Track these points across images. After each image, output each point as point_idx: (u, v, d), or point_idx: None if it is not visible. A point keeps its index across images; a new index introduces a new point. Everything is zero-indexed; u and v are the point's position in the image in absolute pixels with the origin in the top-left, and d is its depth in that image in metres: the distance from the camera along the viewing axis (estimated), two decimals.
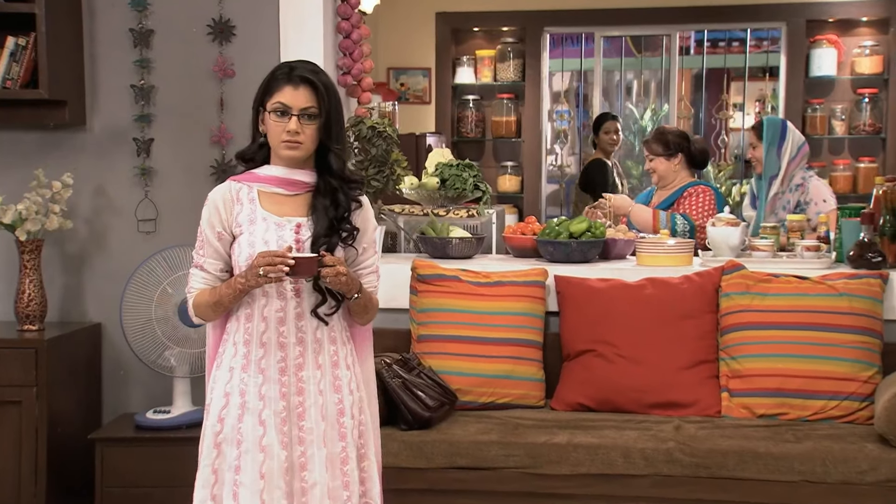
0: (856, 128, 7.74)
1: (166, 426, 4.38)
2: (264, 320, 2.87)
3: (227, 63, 4.58)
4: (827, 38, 7.73)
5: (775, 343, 4.04)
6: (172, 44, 4.62)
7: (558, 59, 8.59)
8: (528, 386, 4.20)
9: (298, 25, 4.52)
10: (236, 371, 2.88)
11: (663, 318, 4.16)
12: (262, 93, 2.89)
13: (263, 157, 2.94)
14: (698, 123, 8.65)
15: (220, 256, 2.92)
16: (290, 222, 2.87)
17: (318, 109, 2.83)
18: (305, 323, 2.88)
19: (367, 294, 2.96)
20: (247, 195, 2.91)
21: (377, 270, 3.04)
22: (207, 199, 2.95)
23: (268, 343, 2.87)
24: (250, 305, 2.88)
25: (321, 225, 2.86)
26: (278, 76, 2.87)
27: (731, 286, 4.17)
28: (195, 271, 2.95)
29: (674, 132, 5.38)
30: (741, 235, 4.46)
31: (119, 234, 4.69)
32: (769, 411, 4.00)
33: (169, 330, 4.36)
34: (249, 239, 2.86)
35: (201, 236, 2.94)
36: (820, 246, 4.39)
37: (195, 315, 2.97)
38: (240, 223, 2.89)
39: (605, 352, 4.17)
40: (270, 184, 2.90)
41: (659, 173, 5.26)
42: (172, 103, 4.64)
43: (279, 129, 2.83)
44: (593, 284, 4.31)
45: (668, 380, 4.09)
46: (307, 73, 2.84)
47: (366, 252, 2.99)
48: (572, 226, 4.54)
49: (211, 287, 2.91)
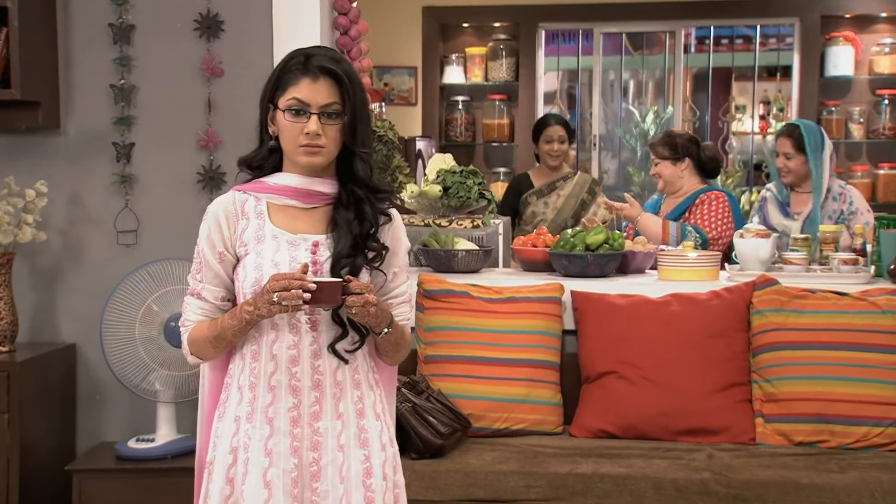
0: (874, 131, 7.78)
1: (151, 456, 4.33)
2: (273, 359, 2.55)
3: (216, 61, 4.53)
4: (843, 36, 7.76)
5: (813, 364, 4.04)
6: (155, 40, 4.58)
7: (553, 58, 8.57)
8: (544, 411, 4.18)
9: (293, 20, 4.48)
10: (242, 421, 2.59)
11: (690, 338, 4.16)
12: (272, 87, 2.58)
13: (274, 164, 2.64)
14: (704, 127, 8.66)
15: (221, 282, 2.62)
16: (305, 240, 2.58)
17: (342, 106, 2.52)
18: (323, 362, 2.57)
19: (399, 328, 2.64)
20: (254, 208, 2.61)
21: (410, 300, 2.74)
22: (206, 213, 2.64)
23: (277, 387, 2.56)
24: (256, 341, 2.57)
25: (344, 243, 2.55)
26: (293, 67, 2.54)
27: (764, 302, 4.17)
28: (191, 300, 2.64)
29: (683, 136, 5.40)
30: (772, 248, 4.46)
31: (96, 247, 4.63)
32: (808, 438, 4.00)
33: (154, 351, 4.31)
34: (256, 261, 2.56)
35: (199, 258, 2.63)
36: (857, 259, 4.39)
37: (190, 353, 2.66)
38: (245, 241, 2.59)
39: (629, 374, 4.16)
40: (283, 195, 2.60)
41: (664, 178, 5.28)
42: (155, 105, 4.59)
43: (295, 131, 2.52)
44: (613, 300, 4.30)
45: (698, 404, 4.08)
46: (328, 63, 2.53)
47: (396, 277, 2.68)
48: (588, 237, 4.53)
49: (210, 319, 2.62)
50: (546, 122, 6.27)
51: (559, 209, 5.92)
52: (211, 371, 2.72)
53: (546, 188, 6.04)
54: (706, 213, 5.07)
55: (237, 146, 4.50)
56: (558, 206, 5.94)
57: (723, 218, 5.03)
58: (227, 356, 2.66)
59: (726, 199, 5.15)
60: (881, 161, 7.76)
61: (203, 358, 2.66)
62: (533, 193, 6.04)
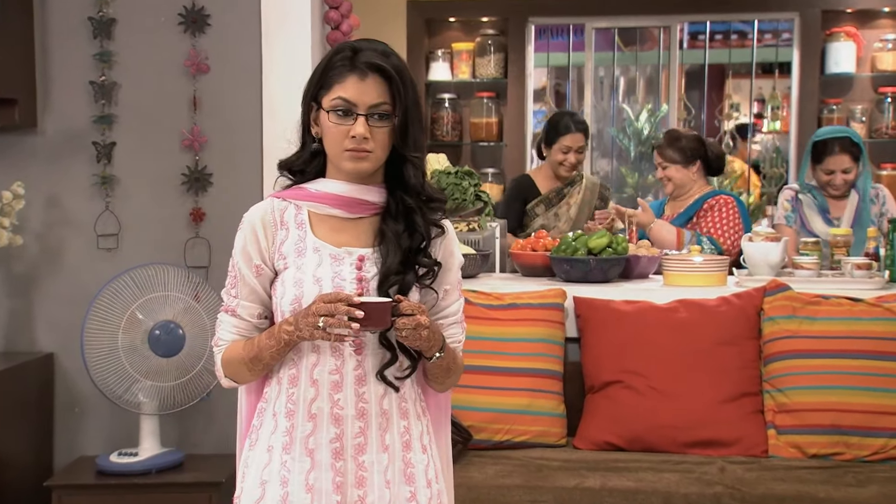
0: (877, 131, 7.80)
1: (134, 470, 4.30)
2: (314, 384, 2.42)
3: (201, 57, 4.52)
4: (845, 31, 7.77)
5: (827, 373, 4.06)
6: (137, 34, 4.55)
7: (543, 54, 8.58)
8: (547, 422, 4.18)
9: (282, 15, 4.47)
10: (276, 451, 2.44)
11: (699, 346, 4.17)
12: (315, 84, 2.43)
13: (317, 169, 2.49)
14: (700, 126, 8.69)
15: (257, 298, 2.48)
16: (350, 254, 2.43)
17: (392, 106, 2.39)
18: (369, 389, 2.42)
19: (452, 352, 2.51)
20: (294, 217, 2.47)
21: (463, 320, 2.59)
22: (242, 222, 2.50)
23: (318, 415, 2.42)
24: (296, 364, 2.43)
25: (392, 258, 2.41)
26: (338, 62, 2.40)
27: (775, 309, 4.18)
28: (225, 318, 2.51)
29: (689, 136, 5.38)
30: (782, 252, 4.47)
31: (75, 251, 4.61)
32: (823, 451, 4.01)
33: (137, 361, 4.29)
34: (296, 276, 2.42)
35: (233, 271, 2.49)
36: (871, 264, 4.41)
37: (224, 376, 2.54)
38: (284, 254, 2.45)
39: (635, 383, 4.16)
40: (325, 203, 2.45)
41: (675, 182, 5.27)
42: (137, 102, 4.57)
43: (341, 134, 2.38)
44: (618, 307, 4.30)
45: (707, 415, 4.09)
46: (377, 58, 2.38)
47: (448, 295, 2.54)
48: (591, 241, 4.53)
49: (246, 339, 2.49)
50: (566, 127, 5.76)
51: (574, 220, 5.65)
52: (248, 395, 2.59)
53: (554, 197, 5.75)
54: (717, 220, 5.07)
55: (223, 146, 4.53)
56: (572, 216, 5.66)
57: (735, 226, 5.03)
58: (262, 379, 2.54)
59: (735, 205, 5.15)
60: (884, 161, 7.78)
61: (238, 381, 2.53)
62: (540, 202, 5.75)
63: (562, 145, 5.74)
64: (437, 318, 2.52)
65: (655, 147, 5.44)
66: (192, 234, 4.56)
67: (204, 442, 4.62)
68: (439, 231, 2.49)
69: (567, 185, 5.77)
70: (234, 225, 4.43)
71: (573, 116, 5.93)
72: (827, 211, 5.14)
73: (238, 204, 4.47)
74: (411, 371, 2.46)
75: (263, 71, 4.48)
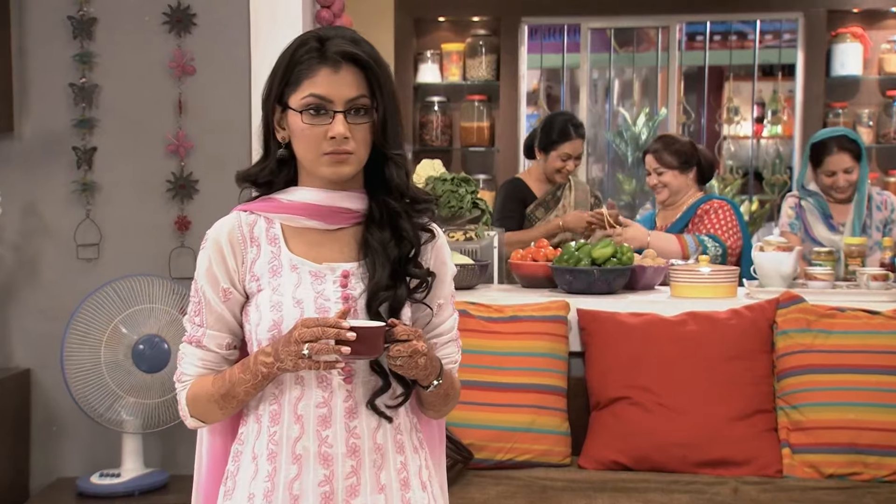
0: (884, 136, 7.84)
1: (116, 492, 4.27)
2: (298, 421, 2.22)
3: (187, 58, 4.49)
4: (851, 32, 7.82)
5: (844, 390, 4.05)
6: (120, 35, 4.52)
7: (537, 55, 8.59)
8: (551, 440, 4.16)
9: (272, 13, 4.45)
10: (257, 500, 2.24)
11: (709, 360, 4.16)
12: (279, 82, 2.25)
13: (286, 179, 2.32)
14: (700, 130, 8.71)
15: (225, 326, 2.29)
16: (332, 271, 2.26)
17: (371, 99, 2.21)
18: (360, 422, 2.24)
19: (449, 377, 2.34)
20: (265, 232, 2.29)
21: (458, 338, 2.43)
22: (206, 240, 2.32)
23: (304, 456, 2.22)
24: (277, 399, 2.25)
25: (381, 272, 2.23)
26: (304, 56, 2.21)
27: (789, 322, 4.18)
28: (189, 350, 2.31)
29: (682, 140, 5.41)
30: (794, 262, 4.47)
31: (53, 262, 4.57)
32: (839, 470, 4.00)
33: (120, 376, 4.25)
34: (273, 299, 2.24)
35: (196, 296, 2.30)
36: (888, 275, 4.41)
37: (189, 416, 2.33)
38: (257, 274, 2.27)
39: (642, 399, 4.15)
40: (301, 214, 2.28)
41: (671, 189, 5.27)
42: (120, 106, 4.54)
43: (317, 136, 2.19)
44: (624, 319, 4.29)
45: (718, 433, 4.08)
46: (349, 46, 2.20)
47: (442, 310, 2.37)
48: (595, 251, 4.52)
49: (213, 373, 2.30)
50: (566, 134, 5.69)
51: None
52: (210, 435, 2.41)
53: (551, 199, 5.74)
54: (715, 222, 5.07)
55: (210, 151, 4.51)
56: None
57: (732, 227, 5.05)
58: (235, 417, 2.34)
59: (730, 208, 5.17)
60: (892, 168, 7.82)
61: (206, 420, 2.34)
62: (539, 206, 5.73)
63: (561, 152, 5.69)
64: (430, 337, 2.34)
65: (649, 151, 5.40)
66: (177, 244, 4.53)
67: (189, 462, 4.50)
68: (429, 236, 2.33)
69: (559, 187, 5.75)
70: None
71: (572, 120, 5.85)
72: (830, 217, 5.15)
73: (226, 212, 4.50)
74: (404, 399, 2.28)
75: (252, 73, 4.46)
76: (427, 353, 2.19)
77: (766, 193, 8.55)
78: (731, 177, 8.49)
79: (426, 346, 2.19)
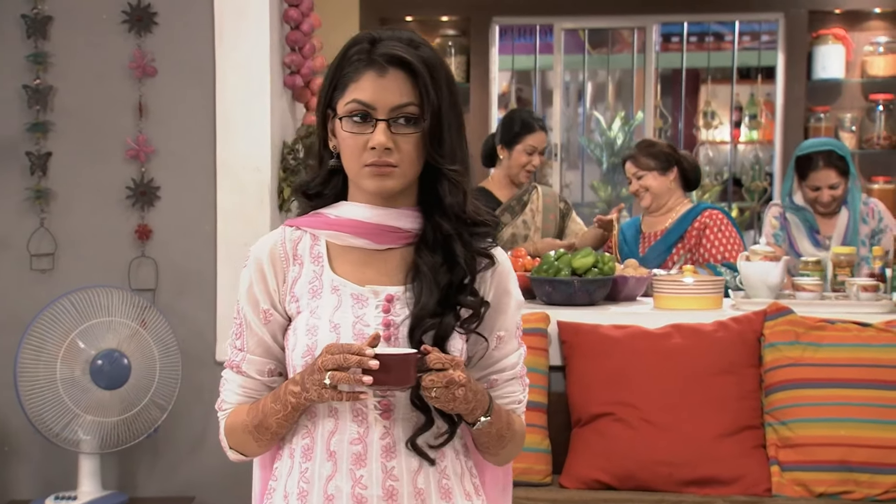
0: (868, 141, 7.88)
1: None
2: (331, 457, 2.13)
3: (147, 58, 4.45)
4: (833, 33, 7.86)
5: (835, 405, 4.06)
6: (76, 34, 4.48)
7: (508, 56, 8.59)
8: (531, 458, 4.15)
9: (237, 12, 4.41)
10: None
11: (695, 374, 4.17)
12: (329, 86, 2.17)
13: (336, 191, 2.23)
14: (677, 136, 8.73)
15: (267, 350, 2.21)
16: (375, 294, 2.16)
17: (421, 108, 2.10)
18: (399, 463, 2.12)
19: (504, 415, 2.22)
20: (309, 250, 2.21)
21: (523, 374, 2.30)
22: (248, 258, 2.24)
23: (336, 496, 2.12)
24: (309, 432, 2.16)
25: (428, 298, 2.12)
26: (354, 57, 2.12)
27: (777, 335, 4.19)
28: (230, 375, 2.25)
29: (660, 143, 5.42)
30: (782, 272, 4.48)
31: (6, 274, 4.52)
32: (830, 489, 4.01)
33: (77, 394, 4.20)
34: (310, 322, 2.15)
35: (238, 318, 2.23)
36: (878, 285, 4.42)
37: (229, 448, 2.28)
38: (297, 295, 2.19)
39: (626, 415, 4.15)
40: (348, 231, 2.18)
41: (653, 191, 5.26)
42: (76, 108, 4.50)
43: (359, 146, 2.10)
44: (607, 332, 4.29)
45: (705, 450, 4.08)
46: (398, 49, 2.10)
47: (504, 344, 2.25)
48: (575, 261, 4.52)
49: (252, 402, 2.22)
50: (529, 127, 5.65)
51: (540, 228, 5.64)
52: (262, 469, 2.33)
53: (517, 205, 5.67)
54: (718, 244, 5.07)
55: (172, 156, 4.49)
56: (538, 224, 5.65)
57: (737, 244, 5.07)
58: (275, 450, 2.27)
59: (728, 221, 5.17)
60: (875, 174, 7.85)
61: (245, 453, 2.26)
62: (505, 210, 5.63)
63: (526, 145, 5.62)
64: (489, 373, 2.24)
65: (627, 158, 5.39)
66: (137, 254, 4.49)
67: (149, 484, 4.54)
68: (488, 262, 2.19)
69: (524, 192, 5.70)
70: (183, 242, 4.46)
71: (531, 114, 5.86)
72: (817, 231, 5.16)
73: (188, 220, 4.52)
74: (449, 437, 2.15)
75: (217, 74, 4.42)
76: (467, 384, 2.05)
77: (745, 200, 8.57)
78: (709, 183, 8.51)
79: (465, 376, 2.05)
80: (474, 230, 2.17)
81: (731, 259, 4.99)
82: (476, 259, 2.17)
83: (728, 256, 5.02)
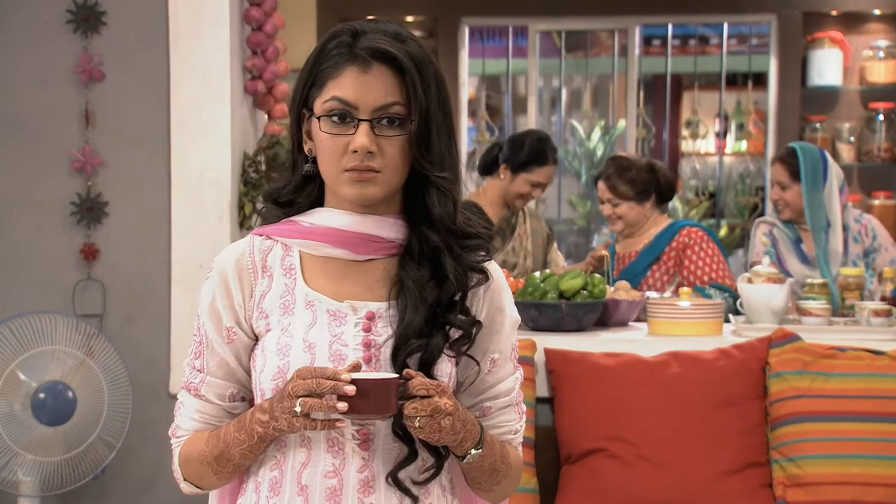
0: (867, 153, 7.90)
1: None
2: (303, 492, 2.06)
3: (95, 62, 4.44)
4: (829, 37, 7.89)
5: (847, 440, 4.05)
6: (16, 36, 4.48)
7: (478, 60, 8.59)
8: (517, 498, 4.03)
9: (193, 12, 4.41)
10: None
11: (695, 407, 4.15)
12: (305, 83, 2.10)
13: (311, 199, 2.17)
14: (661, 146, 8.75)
15: (229, 373, 2.14)
16: (355, 310, 2.09)
17: (408, 108, 2.04)
18: (379, 498, 2.06)
19: (499, 447, 2.15)
20: (280, 261, 2.14)
21: (519, 401, 2.23)
22: (212, 270, 2.17)
23: None
24: (279, 464, 2.09)
25: (414, 316, 2.06)
26: (333, 51, 2.05)
27: (783, 363, 4.17)
28: (186, 399, 2.17)
29: (638, 164, 5.30)
30: (787, 295, 4.46)
31: None
32: None
33: (17, 430, 4.18)
34: (281, 341, 2.08)
35: (198, 335, 2.16)
36: (891, 310, 4.41)
37: (182, 479, 2.19)
38: (266, 311, 2.12)
39: (621, 452, 4.12)
40: (324, 241, 2.12)
41: (627, 221, 5.25)
42: (16, 116, 4.49)
43: (338, 148, 2.04)
44: (598, 360, 4.27)
45: (707, 490, 4.06)
46: (383, 42, 2.02)
47: (498, 367, 2.18)
48: (563, 283, 4.48)
49: (213, 428, 2.15)
50: (541, 159, 5.54)
51: (531, 253, 5.59)
52: (220, 502, 2.26)
53: (507, 228, 5.62)
54: (700, 263, 5.06)
55: (122, 168, 4.51)
56: (529, 248, 5.60)
57: (721, 264, 5.07)
58: (236, 484, 2.20)
59: (710, 238, 5.17)
60: (875, 189, 7.87)
61: (202, 486, 2.19)
62: (496, 234, 5.50)
63: (532, 178, 5.54)
64: (482, 400, 2.18)
65: (601, 178, 5.34)
66: (83, 276, 4.46)
67: None
68: (481, 278, 2.13)
69: (513, 214, 5.68)
70: (134, 263, 4.43)
71: (548, 143, 5.70)
72: (801, 241, 5.12)
73: (139, 238, 4.49)
74: (435, 472, 2.08)
75: (171, 79, 4.41)
76: (454, 412, 1.98)
77: (734, 217, 8.58)
78: (695, 199, 8.51)
79: (452, 404, 1.98)
80: (466, 243, 2.12)
81: (718, 279, 4.98)
82: (467, 274, 2.11)
83: (715, 277, 5.01)
